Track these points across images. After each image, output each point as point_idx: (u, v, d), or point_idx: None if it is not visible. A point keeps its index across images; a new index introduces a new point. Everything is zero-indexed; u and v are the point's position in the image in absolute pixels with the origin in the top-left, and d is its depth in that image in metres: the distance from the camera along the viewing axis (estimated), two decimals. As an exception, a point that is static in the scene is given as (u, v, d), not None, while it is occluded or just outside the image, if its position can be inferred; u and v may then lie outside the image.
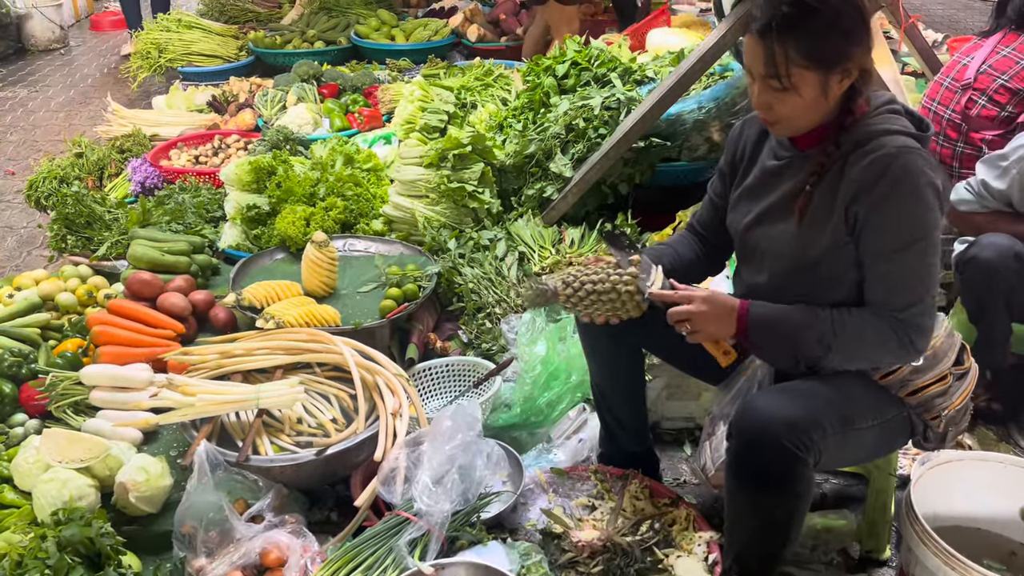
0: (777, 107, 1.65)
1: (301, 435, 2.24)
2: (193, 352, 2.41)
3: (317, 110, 4.58)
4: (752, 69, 1.66)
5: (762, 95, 1.66)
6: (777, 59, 1.59)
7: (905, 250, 1.62)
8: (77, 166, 4.07)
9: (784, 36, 1.57)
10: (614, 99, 3.26)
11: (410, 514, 1.90)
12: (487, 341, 2.75)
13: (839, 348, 1.66)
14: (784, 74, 1.59)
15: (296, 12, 6.25)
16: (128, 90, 5.90)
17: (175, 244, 3.17)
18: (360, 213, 3.37)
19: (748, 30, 1.64)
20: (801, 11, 1.57)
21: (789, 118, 1.67)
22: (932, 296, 1.65)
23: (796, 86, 1.60)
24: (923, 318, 1.64)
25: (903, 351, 1.65)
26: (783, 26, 1.57)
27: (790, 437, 1.60)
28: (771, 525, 1.72)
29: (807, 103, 1.63)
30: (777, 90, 1.63)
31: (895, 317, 1.63)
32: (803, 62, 1.58)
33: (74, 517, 1.85)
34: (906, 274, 1.64)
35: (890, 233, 1.62)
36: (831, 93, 1.63)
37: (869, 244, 1.65)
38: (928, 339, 1.67)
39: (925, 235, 1.61)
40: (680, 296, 1.74)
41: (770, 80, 1.62)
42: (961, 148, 2.76)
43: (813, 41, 1.57)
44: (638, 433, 2.20)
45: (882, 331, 1.64)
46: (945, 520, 1.95)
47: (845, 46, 1.60)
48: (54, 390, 2.40)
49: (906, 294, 1.64)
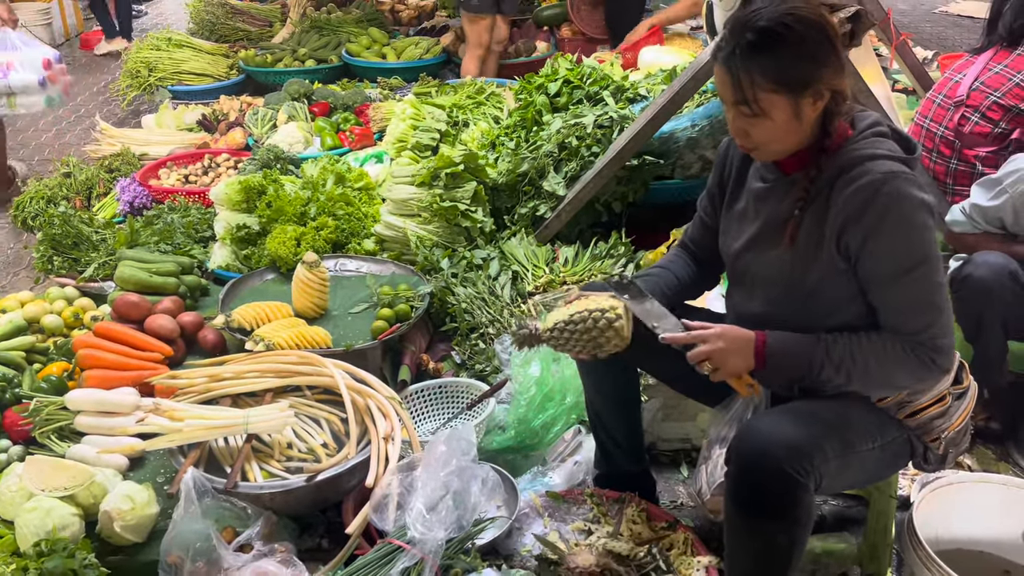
0: (752, 133, 1.66)
1: (291, 460, 2.20)
2: (181, 376, 2.37)
3: (308, 128, 4.55)
4: (723, 97, 1.66)
5: (736, 121, 1.66)
6: (743, 85, 1.59)
7: (908, 275, 1.60)
8: (65, 186, 4.04)
9: (748, 63, 1.58)
10: (607, 117, 3.25)
11: (403, 542, 1.86)
12: (480, 362, 2.72)
13: (859, 375, 1.65)
14: (752, 99, 1.60)
15: (287, 31, 6.25)
16: (117, 109, 5.88)
17: (163, 265, 3.13)
18: (351, 232, 3.34)
19: (716, 59, 1.64)
20: (764, 38, 1.58)
21: (766, 143, 1.67)
22: (946, 314, 1.63)
23: (766, 111, 1.61)
24: (941, 339, 1.62)
25: (926, 371, 1.63)
26: (747, 54, 1.58)
27: (791, 462, 1.57)
28: (772, 551, 1.68)
29: (781, 128, 1.63)
30: (748, 116, 1.63)
31: (914, 340, 1.62)
32: (771, 87, 1.58)
33: (57, 548, 1.81)
34: (915, 298, 1.62)
35: (890, 261, 1.61)
36: (805, 116, 1.62)
37: (870, 273, 1.64)
38: (950, 357, 1.66)
39: (925, 258, 1.60)
40: (696, 336, 1.71)
41: (740, 107, 1.62)
42: (955, 165, 2.76)
43: (779, 66, 1.58)
44: (634, 453, 2.17)
45: (902, 354, 1.62)
46: (947, 543, 1.93)
47: (813, 69, 1.59)
48: (38, 415, 2.35)
49: (920, 318, 1.62)
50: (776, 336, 1.69)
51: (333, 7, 6.47)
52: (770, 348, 1.68)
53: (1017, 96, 2.61)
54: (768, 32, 1.57)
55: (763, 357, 1.68)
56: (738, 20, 1.62)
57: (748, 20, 1.60)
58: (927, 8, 8.47)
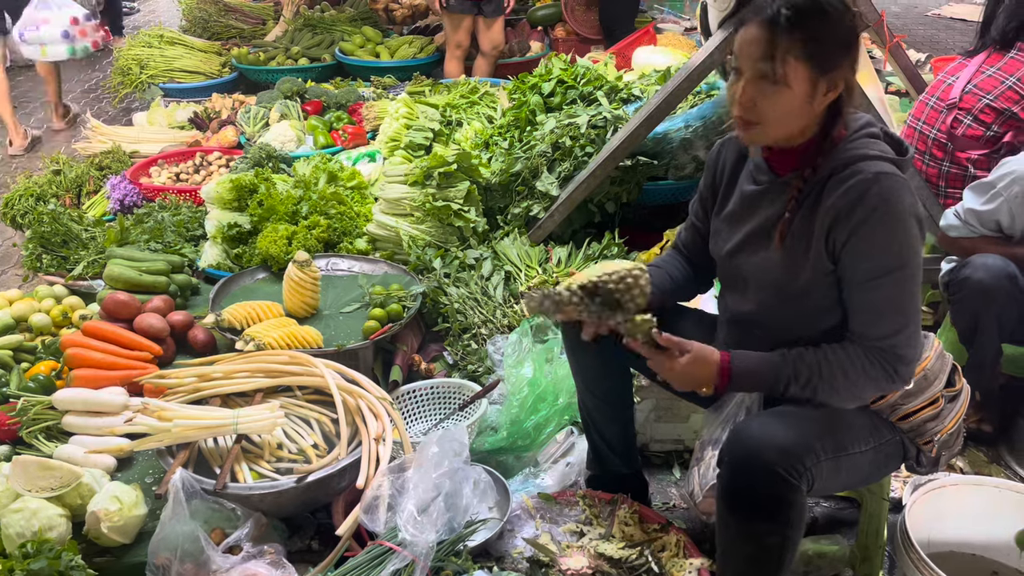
0: (761, 104, 1.61)
1: (281, 461, 2.18)
2: (170, 375, 2.34)
3: (300, 127, 4.53)
4: (746, 58, 1.62)
5: (747, 89, 1.61)
6: (778, 48, 1.57)
7: (883, 278, 1.59)
8: (55, 183, 4.00)
9: (792, 28, 1.57)
10: (601, 117, 3.24)
11: (394, 544, 1.85)
12: (473, 363, 2.70)
13: (824, 388, 1.65)
14: (780, 61, 1.57)
15: (280, 29, 6.22)
16: (108, 106, 5.84)
17: (153, 263, 3.10)
18: (343, 232, 3.33)
19: (749, 21, 1.62)
20: (812, 8, 1.58)
21: (770, 120, 1.62)
22: (915, 324, 1.62)
23: (788, 79, 1.58)
24: (906, 348, 1.61)
25: (887, 382, 1.63)
26: (792, 17, 1.57)
27: (783, 463, 1.57)
28: (764, 553, 1.68)
29: (792, 104, 1.59)
30: (767, 82, 1.59)
31: (877, 347, 1.61)
32: (802, 55, 1.57)
33: (43, 549, 1.79)
34: (885, 303, 1.61)
35: (868, 260, 1.60)
36: (816, 102, 1.61)
37: (847, 272, 1.63)
38: (913, 368, 1.65)
39: (904, 263, 1.59)
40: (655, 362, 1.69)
41: (763, 65, 1.58)
42: (947, 167, 2.76)
43: (816, 39, 1.57)
44: (626, 454, 2.17)
45: (866, 364, 1.61)
46: (939, 546, 1.92)
47: (840, 54, 1.60)
48: (26, 415, 2.33)
49: (886, 324, 1.61)
50: (740, 357, 1.69)
51: (326, 5, 6.45)
52: (734, 370, 1.68)
53: (1010, 99, 2.62)
54: (816, 4, 1.58)
55: (727, 377, 1.68)
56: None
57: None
58: (920, 11, 8.51)
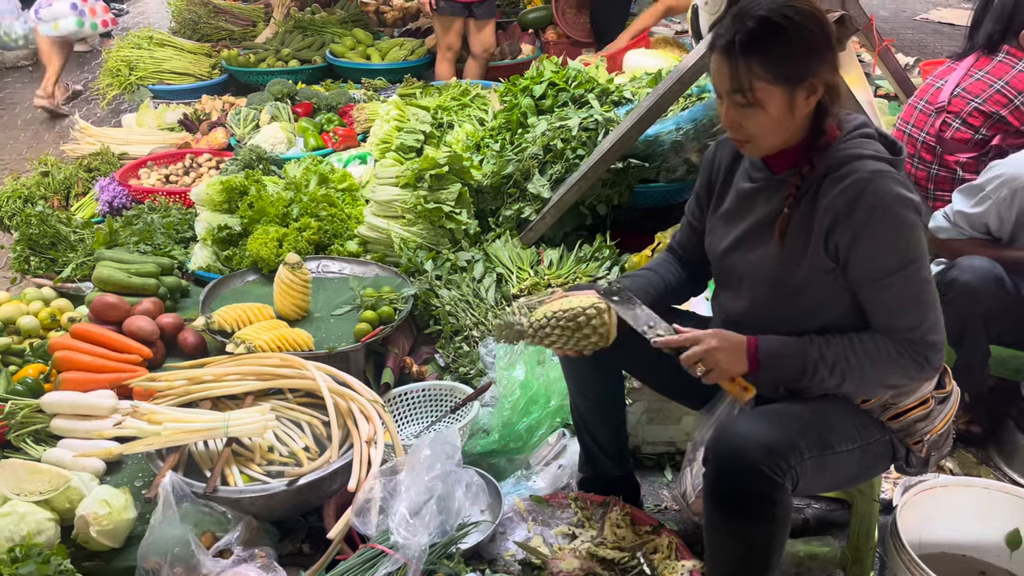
0: (745, 124, 1.65)
1: (272, 464, 2.17)
2: (160, 378, 2.33)
3: (291, 129, 4.51)
4: (719, 86, 1.66)
5: (729, 112, 1.66)
6: (741, 74, 1.59)
7: (898, 273, 1.61)
8: (43, 185, 3.97)
9: (748, 52, 1.58)
10: (592, 120, 3.24)
11: (386, 546, 1.84)
12: (465, 365, 2.70)
13: (853, 376, 1.65)
14: (748, 88, 1.60)
15: (270, 31, 6.20)
16: (97, 108, 5.80)
17: (143, 266, 3.09)
18: (334, 234, 3.32)
19: (714, 48, 1.64)
20: (765, 28, 1.58)
21: (758, 136, 1.66)
22: (935, 311, 1.64)
23: (761, 101, 1.60)
24: (932, 335, 1.63)
25: (919, 370, 1.64)
26: (747, 43, 1.58)
27: (767, 461, 1.57)
28: (750, 552, 1.68)
29: (774, 119, 1.62)
30: (743, 106, 1.62)
31: (906, 339, 1.62)
32: (767, 76, 1.58)
33: (32, 554, 1.77)
34: (903, 298, 1.63)
35: (878, 260, 1.61)
36: (798, 110, 1.63)
37: (859, 272, 1.64)
38: (941, 354, 1.66)
39: (914, 256, 1.61)
40: (688, 339, 1.71)
41: (735, 96, 1.62)
42: (936, 170, 2.78)
43: (777, 56, 1.58)
44: (618, 456, 2.17)
45: (895, 353, 1.63)
46: (930, 547, 1.93)
47: (809, 62, 1.60)
48: (14, 418, 2.30)
49: (911, 316, 1.63)
50: (767, 339, 1.69)
51: (317, 8, 6.43)
52: (762, 351, 1.68)
53: (998, 102, 2.64)
54: (768, 22, 1.58)
55: (756, 360, 1.68)
56: (739, 9, 1.62)
57: (749, 9, 1.60)
58: (908, 15, 8.56)
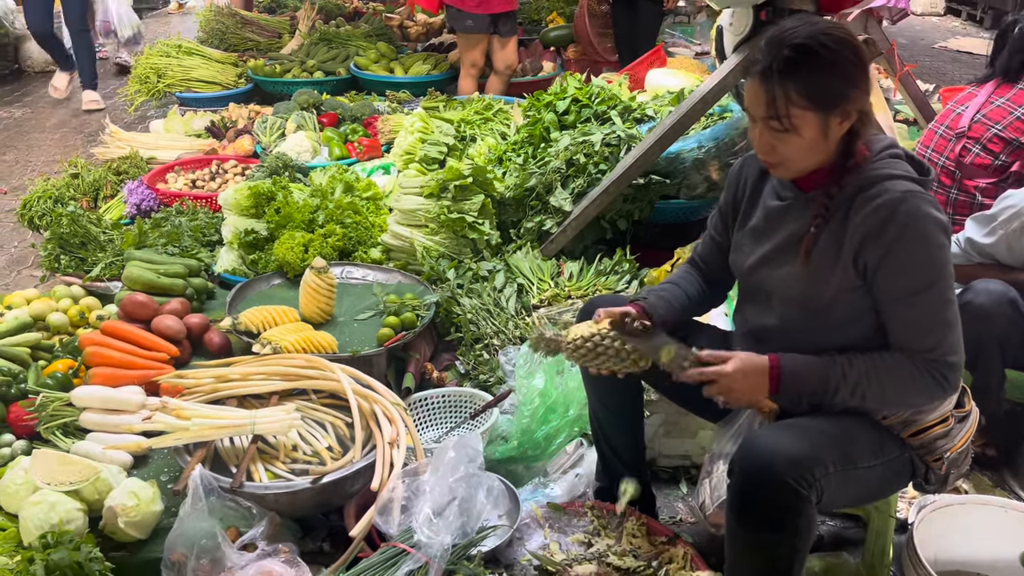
0: (779, 148, 1.69)
1: (296, 463, 2.21)
2: (188, 375, 2.37)
3: (316, 138, 4.59)
4: (754, 112, 1.70)
5: (764, 137, 1.69)
6: (778, 101, 1.63)
7: (923, 292, 1.64)
8: (72, 186, 4.05)
9: (785, 79, 1.61)
10: (614, 136, 3.29)
11: (408, 545, 1.87)
12: (484, 372, 2.73)
13: (872, 395, 1.67)
14: (784, 115, 1.63)
15: (296, 42, 6.30)
16: (125, 115, 5.91)
17: (171, 267, 3.15)
18: (359, 241, 3.37)
19: (749, 74, 1.68)
20: (801, 55, 1.62)
21: (791, 159, 1.70)
22: (956, 331, 1.66)
23: (797, 127, 1.64)
24: (952, 356, 1.65)
25: (938, 390, 1.67)
26: (784, 69, 1.62)
27: (793, 474, 1.59)
28: (772, 564, 1.69)
29: (808, 144, 1.66)
30: (778, 131, 1.66)
31: (926, 358, 1.65)
32: (803, 103, 1.62)
33: (63, 540, 1.81)
34: (928, 316, 1.65)
35: (905, 277, 1.64)
36: (831, 135, 1.66)
37: (886, 290, 1.67)
38: (959, 375, 1.68)
39: (940, 276, 1.64)
40: (709, 374, 1.72)
41: (771, 121, 1.66)
42: (955, 195, 2.81)
43: (813, 83, 1.61)
44: (635, 466, 2.18)
45: (915, 374, 1.65)
46: (945, 564, 1.94)
47: (844, 88, 1.63)
48: (44, 411, 2.36)
49: (932, 335, 1.65)
50: (789, 359, 1.71)
51: (342, 21, 6.53)
52: (784, 371, 1.70)
53: (1018, 129, 2.67)
54: (805, 49, 1.61)
55: (778, 380, 1.70)
56: (774, 36, 1.66)
57: (785, 37, 1.64)
58: (927, 43, 8.60)
